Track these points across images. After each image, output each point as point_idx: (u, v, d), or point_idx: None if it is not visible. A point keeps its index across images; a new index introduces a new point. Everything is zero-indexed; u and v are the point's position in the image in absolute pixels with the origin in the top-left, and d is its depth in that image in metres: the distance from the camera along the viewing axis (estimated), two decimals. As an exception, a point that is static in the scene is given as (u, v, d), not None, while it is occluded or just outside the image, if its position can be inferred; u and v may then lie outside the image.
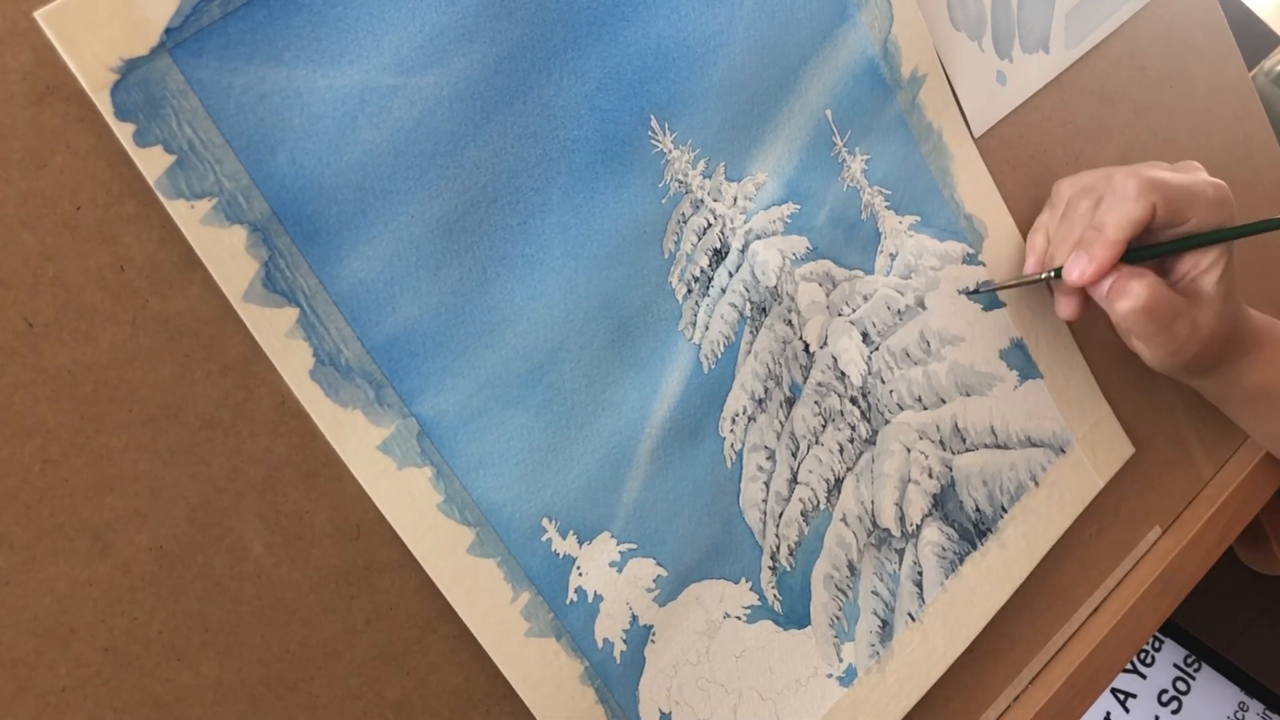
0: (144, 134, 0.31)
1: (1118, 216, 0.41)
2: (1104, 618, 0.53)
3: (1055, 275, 0.44)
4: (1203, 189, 0.42)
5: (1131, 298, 0.42)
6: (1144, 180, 0.41)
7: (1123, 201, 0.42)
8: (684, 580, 0.42)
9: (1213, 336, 0.44)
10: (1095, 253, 0.42)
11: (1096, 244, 0.42)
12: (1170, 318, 0.42)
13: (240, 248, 0.32)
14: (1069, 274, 0.43)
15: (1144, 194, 0.41)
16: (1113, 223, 0.42)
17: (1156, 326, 0.43)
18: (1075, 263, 0.42)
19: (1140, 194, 0.41)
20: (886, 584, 0.46)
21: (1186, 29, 0.57)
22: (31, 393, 0.31)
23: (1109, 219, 0.42)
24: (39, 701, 0.31)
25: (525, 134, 0.37)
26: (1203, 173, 0.45)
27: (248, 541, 0.34)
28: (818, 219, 0.44)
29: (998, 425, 0.49)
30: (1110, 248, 0.41)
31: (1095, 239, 0.42)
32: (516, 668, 0.38)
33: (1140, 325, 0.43)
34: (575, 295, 0.39)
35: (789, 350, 0.44)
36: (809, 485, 0.44)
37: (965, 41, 0.49)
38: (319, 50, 0.33)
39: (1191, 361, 0.45)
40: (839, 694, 0.45)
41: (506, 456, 0.38)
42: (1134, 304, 0.42)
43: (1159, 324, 0.42)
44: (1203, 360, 0.46)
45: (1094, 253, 0.42)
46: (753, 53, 0.42)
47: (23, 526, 0.31)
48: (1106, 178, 0.43)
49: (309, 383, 0.34)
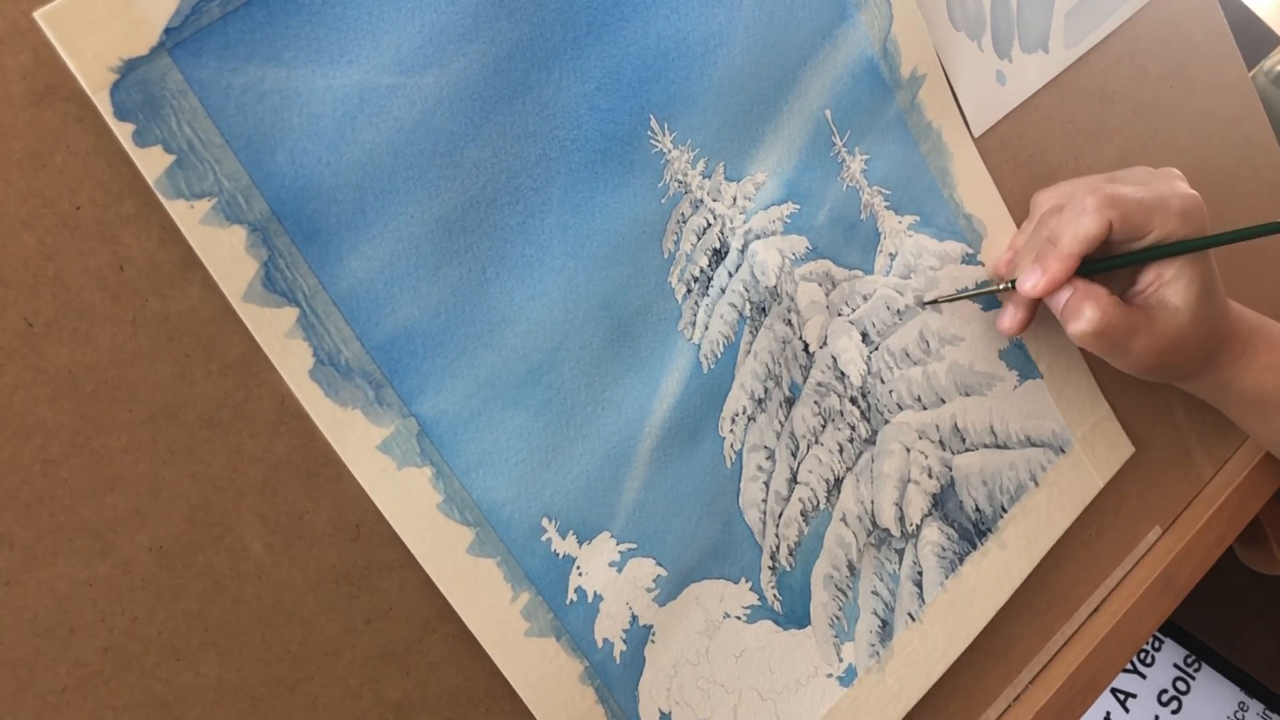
0: (143, 134, 0.31)
1: (1073, 231, 0.42)
2: (1104, 618, 0.53)
3: (1010, 286, 0.45)
4: (1167, 201, 0.42)
5: (1084, 321, 0.42)
6: (1102, 196, 0.42)
7: (1079, 216, 0.42)
8: (684, 580, 0.42)
9: (1178, 346, 0.44)
10: (1048, 265, 0.42)
11: (1050, 257, 0.42)
12: (1124, 336, 0.43)
13: (240, 248, 0.33)
14: (1022, 285, 0.43)
15: (1100, 209, 0.41)
16: (1068, 236, 0.42)
17: (1109, 345, 0.43)
18: (1029, 275, 0.43)
19: (1097, 209, 0.41)
20: (886, 584, 0.46)
21: (1186, 29, 0.57)
22: (31, 393, 0.31)
23: (1064, 233, 0.42)
24: (39, 701, 0.31)
25: (525, 134, 0.37)
26: (1180, 183, 0.45)
27: (248, 541, 0.34)
28: (817, 219, 0.44)
29: (997, 425, 0.49)
30: (1063, 261, 0.42)
31: (1049, 252, 0.42)
32: (516, 667, 0.38)
33: (1094, 346, 0.44)
34: (575, 295, 0.39)
35: (788, 350, 0.44)
36: (809, 485, 0.44)
37: (965, 41, 0.49)
38: (318, 50, 0.33)
39: (1159, 370, 0.45)
40: (839, 694, 0.45)
41: (506, 456, 0.38)
42: (1086, 327, 0.42)
43: (1111, 343, 0.43)
44: (1176, 368, 0.46)
45: (1046, 265, 0.42)
46: (752, 52, 0.42)
47: (23, 526, 0.31)
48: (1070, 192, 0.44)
49: (309, 383, 0.34)
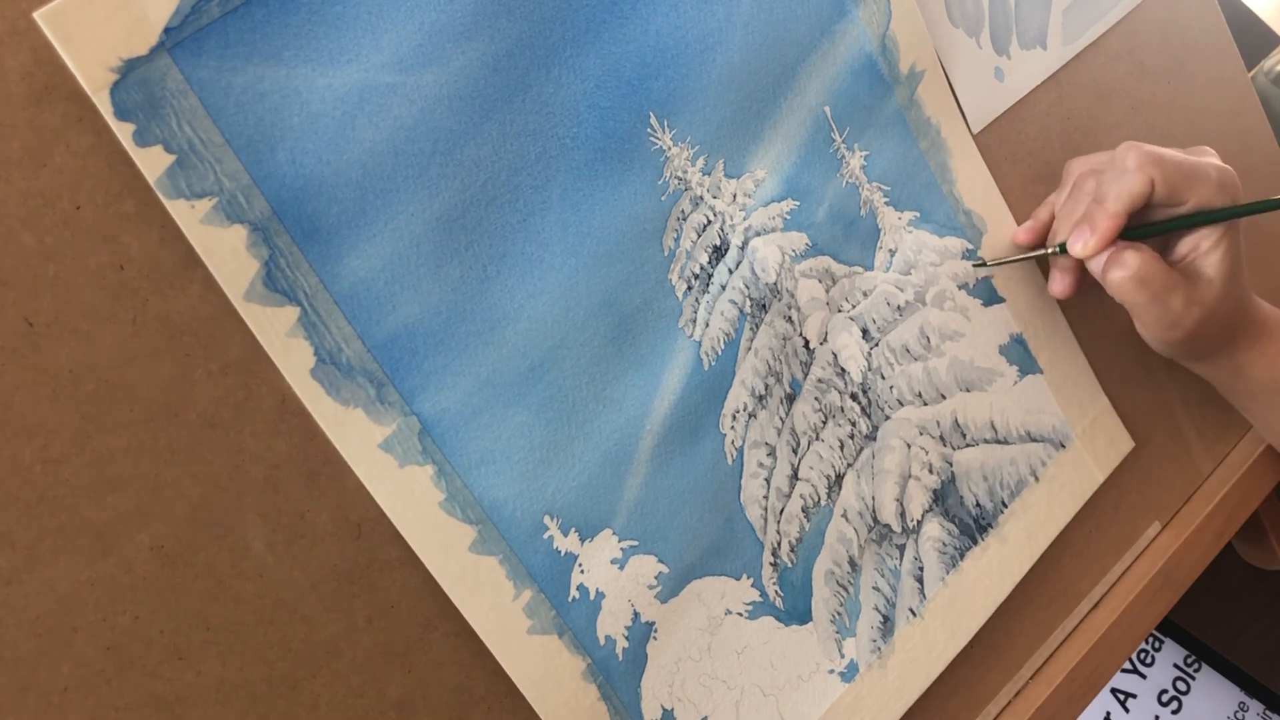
0: (144, 134, 0.31)
1: (1118, 189, 0.43)
2: (1104, 613, 0.53)
3: (1060, 250, 0.45)
4: (1205, 169, 0.43)
5: (1124, 267, 0.43)
6: (1144, 154, 0.42)
7: (1122, 175, 0.43)
8: (686, 577, 0.42)
9: (1210, 316, 0.44)
10: (1096, 223, 0.43)
11: (1098, 215, 0.43)
12: (1163, 289, 0.43)
13: (240, 247, 0.33)
14: (1073, 246, 0.44)
15: (1143, 168, 0.42)
16: (1113, 195, 0.43)
17: (1148, 296, 0.43)
18: (1078, 235, 0.43)
19: (1139, 167, 0.42)
20: (888, 579, 0.46)
21: (1184, 25, 0.57)
22: (32, 392, 0.31)
23: (1109, 192, 0.43)
24: (41, 701, 0.31)
25: (525, 132, 0.37)
26: (1213, 157, 0.45)
27: (249, 540, 0.34)
28: (817, 215, 0.44)
29: (998, 420, 0.49)
30: (1111, 219, 0.43)
31: (1096, 210, 0.43)
32: (518, 665, 0.38)
33: (1132, 294, 0.43)
34: (575, 293, 0.39)
35: (789, 347, 0.44)
36: (810, 481, 0.44)
37: (963, 38, 0.49)
38: (318, 49, 0.33)
39: (1189, 340, 0.45)
40: (841, 690, 0.45)
41: (508, 454, 0.38)
42: (1126, 272, 0.43)
43: (1151, 293, 0.43)
44: (1202, 341, 0.46)
45: (1095, 223, 0.43)
46: (751, 50, 0.42)
47: (24, 526, 0.31)
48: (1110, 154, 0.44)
49: (310, 381, 0.34)
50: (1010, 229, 0.49)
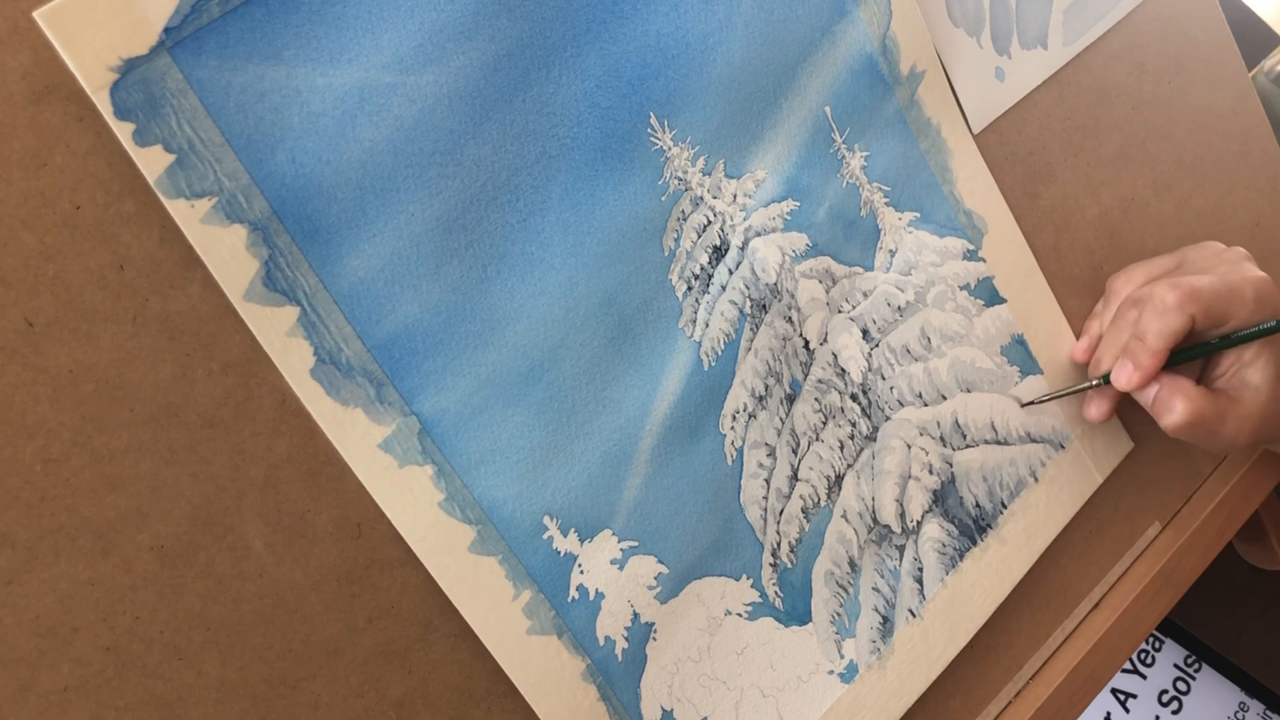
0: (144, 133, 0.31)
1: (1159, 327, 0.45)
2: (1104, 613, 0.53)
3: (1104, 381, 0.48)
4: (1242, 291, 0.45)
5: (1176, 414, 0.46)
6: (1183, 293, 0.45)
7: (1163, 314, 0.45)
8: (685, 577, 0.42)
9: (1263, 421, 0.46)
10: (1140, 360, 0.46)
11: (1141, 353, 0.45)
12: (1215, 423, 0.46)
13: (240, 247, 0.33)
14: (1117, 379, 0.46)
15: (1183, 306, 0.44)
16: (1154, 333, 0.45)
17: (1203, 434, 0.46)
18: (1121, 370, 0.46)
19: (1179, 306, 0.44)
20: (887, 580, 0.46)
21: (1184, 25, 0.57)
22: (32, 392, 0.31)
23: (1150, 329, 0.45)
24: (41, 701, 0.31)
25: (525, 132, 0.37)
26: (1249, 265, 0.47)
27: (249, 540, 0.34)
28: (817, 216, 0.44)
29: (998, 421, 0.49)
30: (1153, 356, 0.45)
31: (1139, 349, 0.46)
32: (518, 665, 0.38)
33: (1185, 436, 0.46)
34: (575, 293, 0.39)
35: (789, 347, 0.44)
36: (809, 482, 0.44)
37: (964, 38, 0.49)
38: (318, 48, 0.33)
39: (1250, 444, 0.47)
40: (840, 690, 0.45)
41: (507, 454, 0.38)
42: (1176, 419, 0.46)
43: (1205, 431, 0.46)
44: (1262, 439, 0.48)
45: (1139, 360, 0.46)
46: (752, 50, 0.42)
47: (24, 526, 0.31)
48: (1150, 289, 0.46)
49: (310, 381, 0.34)
50: (1011, 229, 0.49)
